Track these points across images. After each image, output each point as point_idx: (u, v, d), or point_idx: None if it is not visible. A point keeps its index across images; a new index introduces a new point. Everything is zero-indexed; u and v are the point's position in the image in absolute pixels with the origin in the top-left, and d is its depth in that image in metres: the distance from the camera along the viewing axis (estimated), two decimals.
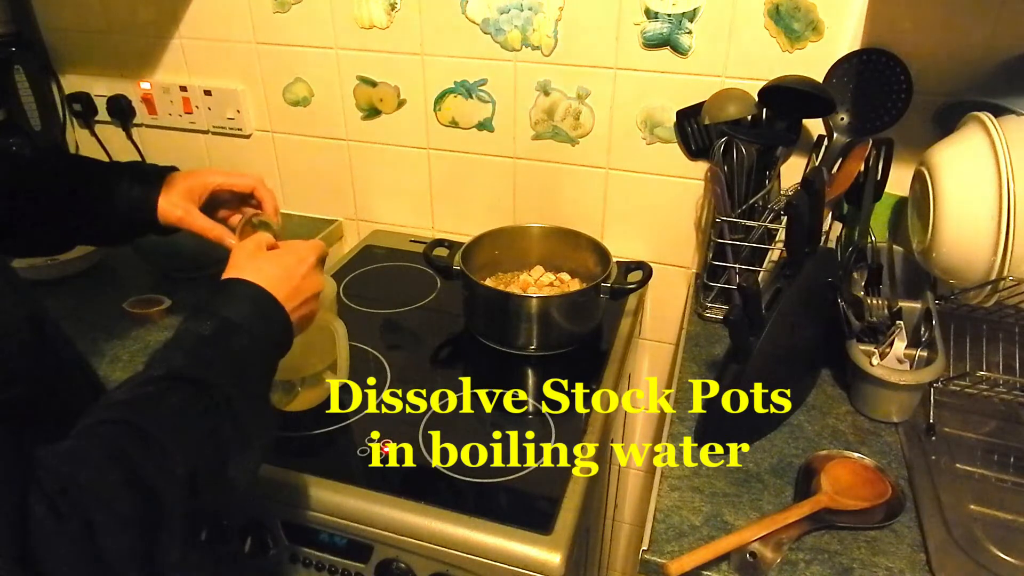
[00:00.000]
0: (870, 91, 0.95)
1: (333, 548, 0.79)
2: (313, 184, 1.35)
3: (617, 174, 1.16)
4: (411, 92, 1.20)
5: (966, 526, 0.71)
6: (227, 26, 1.24)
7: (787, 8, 0.96)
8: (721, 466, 0.79)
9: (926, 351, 0.85)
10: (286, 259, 0.67)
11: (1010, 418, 0.86)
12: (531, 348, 0.98)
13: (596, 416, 0.88)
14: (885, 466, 0.77)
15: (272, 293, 0.63)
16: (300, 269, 0.67)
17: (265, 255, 0.67)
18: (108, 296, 1.10)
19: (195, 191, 0.79)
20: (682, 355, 0.98)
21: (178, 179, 0.79)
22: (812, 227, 0.82)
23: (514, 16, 1.08)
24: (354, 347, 0.91)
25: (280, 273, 0.65)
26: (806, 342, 0.86)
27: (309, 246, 0.71)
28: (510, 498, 0.76)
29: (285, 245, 0.70)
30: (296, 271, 0.66)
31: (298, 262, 0.67)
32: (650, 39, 1.04)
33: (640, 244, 1.20)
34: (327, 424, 0.86)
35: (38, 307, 0.59)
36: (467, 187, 1.26)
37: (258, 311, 0.62)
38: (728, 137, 0.98)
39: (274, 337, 0.63)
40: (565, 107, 1.13)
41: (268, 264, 0.66)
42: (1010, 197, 0.73)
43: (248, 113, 1.31)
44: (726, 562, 0.67)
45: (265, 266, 0.65)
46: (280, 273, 0.65)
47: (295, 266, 0.67)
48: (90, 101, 1.39)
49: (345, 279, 1.18)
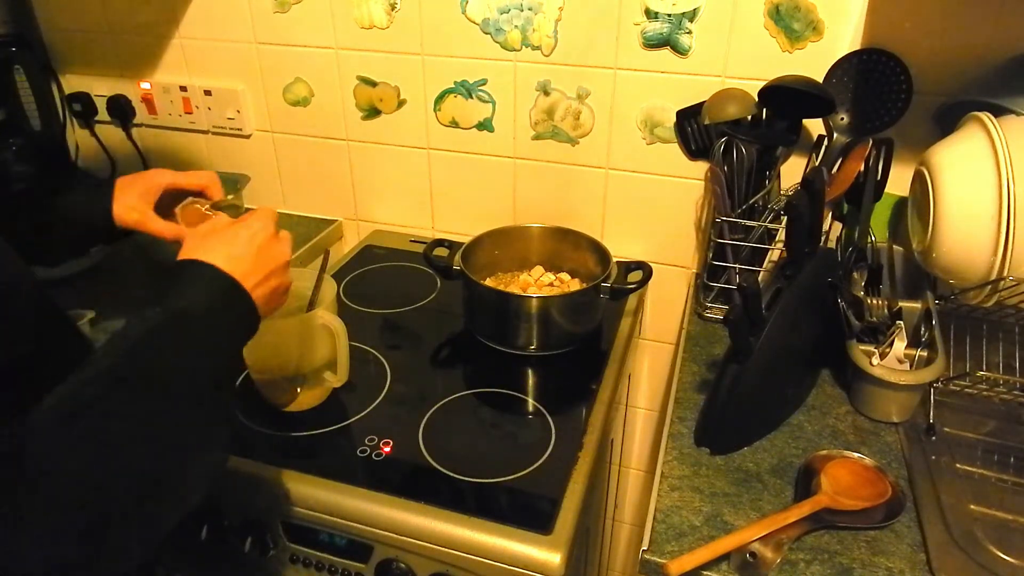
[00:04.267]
0: (870, 91, 0.95)
1: (333, 548, 0.79)
2: (313, 184, 1.35)
3: (617, 174, 1.16)
4: (411, 92, 1.20)
5: (966, 526, 0.71)
6: (227, 26, 1.24)
7: (787, 8, 0.96)
8: (721, 466, 0.79)
9: (926, 351, 0.85)
10: (241, 234, 0.62)
11: (1010, 418, 0.86)
12: (531, 348, 0.98)
13: (596, 416, 0.88)
14: (885, 466, 0.77)
15: (227, 272, 0.59)
16: (255, 241, 0.62)
17: (216, 234, 0.62)
18: (108, 296, 1.10)
19: (148, 193, 0.77)
20: (682, 355, 0.98)
21: (126, 183, 0.78)
22: (812, 227, 0.82)
23: (514, 16, 1.08)
24: (354, 347, 0.91)
25: (234, 251, 0.60)
26: (806, 342, 0.86)
27: (261, 214, 0.66)
28: (510, 498, 0.76)
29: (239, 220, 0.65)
30: (251, 244, 0.62)
31: (252, 235, 0.63)
32: (650, 39, 1.04)
33: (640, 244, 1.20)
34: (327, 424, 0.86)
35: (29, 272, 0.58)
36: (467, 187, 1.26)
37: (212, 294, 0.58)
38: (728, 137, 0.98)
39: (235, 319, 0.59)
40: (565, 107, 1.13)
41: (219, 243, 0.61)
42: (1010, 197, 0.73)
43: (248, 113, 1.31)
44: (726, 562, 0.67)
45: (216, 245, 0.60)
46: (234, 251, 0.60)
47: (249, 241, 0.62)
48: (90, 101, 1.39)
49: (345, 279, 1.18)
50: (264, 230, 0.64)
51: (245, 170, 1.33)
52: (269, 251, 0.63)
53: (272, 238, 0.65)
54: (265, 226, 0.65)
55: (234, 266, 0.59)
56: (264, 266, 0.62)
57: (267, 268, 0.62)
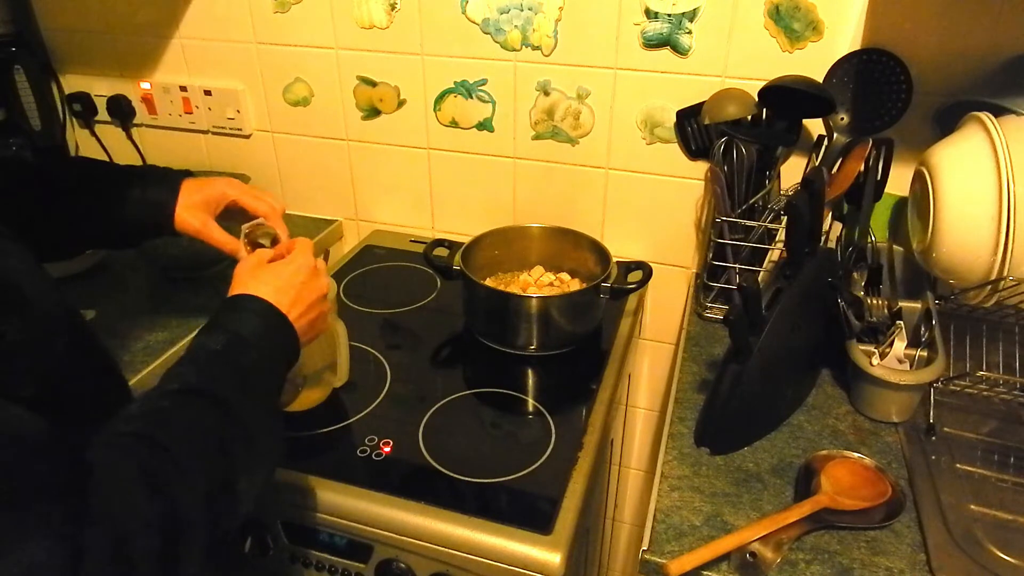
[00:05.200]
0: (870, 91, 0.95)
1: (333, 548, 0.79)
2: (313, 184, 1.35)
3: (617, 174, 1.16)
4: (411, 92, 1.20)
5: (966, 526, 0.71)
6: (227, 26, 1.24)
7: (787, 8, 0.96)
8: (721, 466, 0.79)
9: (926, 351, 0.85)
10: (285, 270, 0.69)
11: (1010, 418, 0.86)
12: (531, 348, 0.98)
13: (596, 416, 0.88)
14: (885, 466, 0.77)
15: (275, 305, 0.65)
16: (299, 277, 0.69)
17: (265, 268, 0.69)
18: (109, 296, 1.10)
19: (211, 203, 0.79)
20: (682, 355, 0.98)
21: (194, 188, 0.78)
22: (812, 227, 0.82)
23: (514, 16, 1.08)
24: (354, 347, 0.91)
25: (281, 284, 0.67)
26: (806, 342, 0.86)
27: (302, 250, 0.72)
28: (510, 498, 0.76)
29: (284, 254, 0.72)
30: (295, 279, 0.68)
31: (296, 271, 0.69)
32: (650, 39, 1.04)
33: (640, 244, 1.20)
34: (327, 424, 0.86)
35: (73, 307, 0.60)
36: (467, 187, 1.26)
37: (264, 324, 0.64)
38: (728, 137, 0.98)
39: (280, 347, 0.65)
40: (565, 107, 1.13)
41: (269, 276, 0.67)
42: (1010, 197, 0.73)
43: (248, 113, 1.31)
44: (726, 562, 0.67)
45: (267, 278, 0.67)
46: (281, 284, 0.67)
47: (293, 275, 0.68)
48: (90, 101, 1.39)
49: (345, 279, 1.18)
50: (307, 266, 0.70)
51: (245, 170, 1.34)
52: (310, 285, 0.70)
53: (313, 273, 0.71)
54: (307, 261, 0.71)
55: (280, 299, 0.66)
56: (306, 299, 0.68)
57: (308, 300, 0.69)
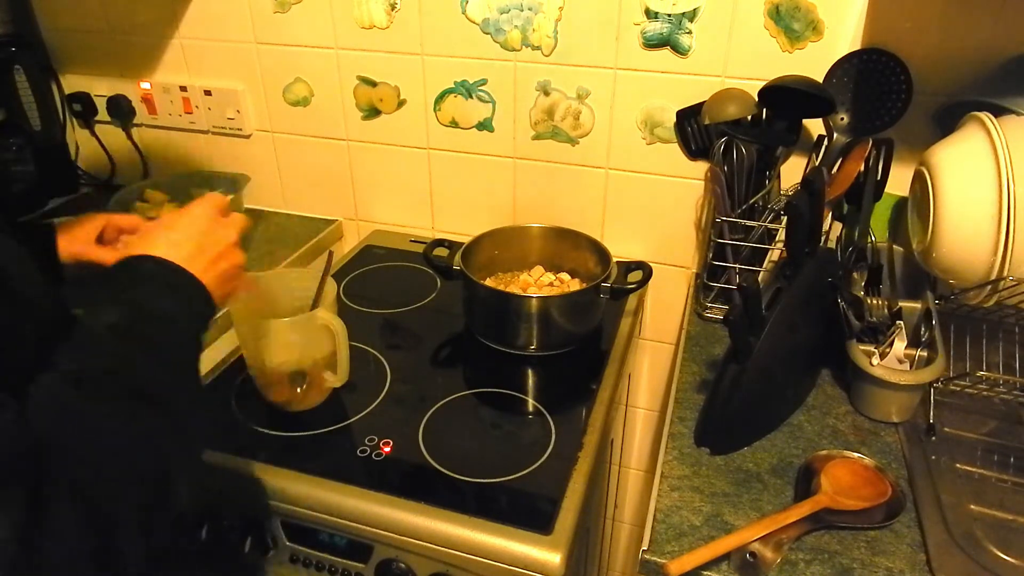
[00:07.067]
0: (870, 91, 0.95)
1: (333, 548, 0.79)
2: (313, 184, 1.35)
3: (617, 174, 1.16)
4: (411, 92, 1.20)
5: (966, 526, 0.71)
6: (227, 26, 1.24)
7: (787, 8, 0.96)
8: (721, 466, 0.79)
9: (926, 351, 0.85)
10: (178, 222, 0.62)
11: (1010, 418, 0.86)
12: (531, 348, 0.98)
13: (596, 416, 0.88)
14: (885, 466, 0.77)
15: (169, 259, 0.58)
16: (196, 226, 0.62)
17: (154, 228, 0.62)
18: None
19: (87, 229, 0.82)
20: (682, 355, 0.98)
21: (66, 224, 0.81)
22: (812, 227, 0.82)
23: (514, 16, 1.08)
24: (354, 347, 0.91)
25: (176, 238, 0.60)
26: (806, 342, 0.86)
27: (202, 200, 0.66)
28: (510, 498, 0.76)
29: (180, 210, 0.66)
30: (191, 230, 0.62)
31: (191, 221, 0.63)
32: (650, 39, 1.04)
33: (640, 244, 1.20)
34: (327, 424, 0.86)
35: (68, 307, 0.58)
36: (467, 187, 1.26)
37: (164, 283, 0.57)
38: (728, 137, 0.98)
39: (185, 302, 0.58)
40: (565, 107, 1.13)
41: (159, 233, 0.60)
42: (1010, 197, 0.73)
43: (248, 113, 1.31)
44: (726, 562, 0.67)
45: (156, 237, 0.60)
46: (176, 238, 0.60)
47: (188, 226, 0.62)
48: (90, 101, 1.39)
49: (345, 279, 1.18)
50: (204, 215, 0.64)
51: (245, 170, 1.33)
52: (212, 234, 0.63)
53: (214, 221, 0.64)
54: (205, 211, 0.64)
55: (175, 252, 0.59)
56: (209, 249, 0.62)
57: (213, 251, 0.62)
